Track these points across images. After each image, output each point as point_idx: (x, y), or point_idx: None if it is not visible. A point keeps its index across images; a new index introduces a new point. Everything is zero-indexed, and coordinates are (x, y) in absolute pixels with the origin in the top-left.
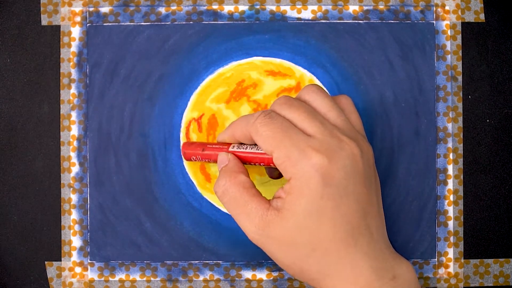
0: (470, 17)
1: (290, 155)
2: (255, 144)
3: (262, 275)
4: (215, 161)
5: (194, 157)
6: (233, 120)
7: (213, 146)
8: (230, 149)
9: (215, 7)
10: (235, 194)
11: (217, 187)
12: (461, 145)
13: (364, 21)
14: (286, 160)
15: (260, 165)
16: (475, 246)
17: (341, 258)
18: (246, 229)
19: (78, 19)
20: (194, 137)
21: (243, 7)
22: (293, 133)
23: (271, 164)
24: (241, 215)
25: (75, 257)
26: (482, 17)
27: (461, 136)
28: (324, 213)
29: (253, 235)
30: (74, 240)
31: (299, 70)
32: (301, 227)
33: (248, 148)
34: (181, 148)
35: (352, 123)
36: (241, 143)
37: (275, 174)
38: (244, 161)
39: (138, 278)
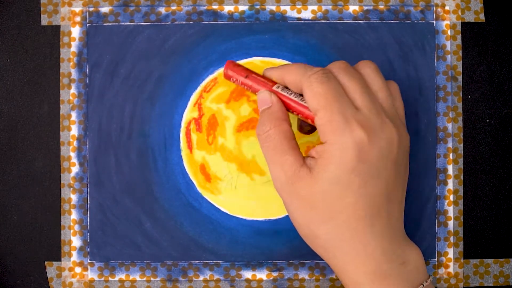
0: (470, 17)
1: (333, 120)
2: (301, 94)
3: (262, 275)
4: (254, 92)
5: (234, 79)
6: (233, 120)
7: (258, 77)
8: (274, 88)
9: (215, 7)
10: (276, 142)
11: (260, 131)
12: (461, 145)
13: (364, 21)
14: (328, 123)
15: (298, 116)
16: (475, 246)
17: (355, 235)
18: (276, 178)
19: (78, 19)
20: (194, 137)
21: (243, 7)
22: (343, 101)
23: (308, 120)
24: (276, 163)
25: (75, 257)
26: (482, 17)
27: (461, 136)
28: (350, 187)
29: (281, 185)
30: (74, 240)
31: None
32: (326, 192)
33: (292, 95)
34: (224, 65)
35: (396, 109)
36: (286, 87)
37: (305, 129)
38: (284, 105)
39: (138, 278)
